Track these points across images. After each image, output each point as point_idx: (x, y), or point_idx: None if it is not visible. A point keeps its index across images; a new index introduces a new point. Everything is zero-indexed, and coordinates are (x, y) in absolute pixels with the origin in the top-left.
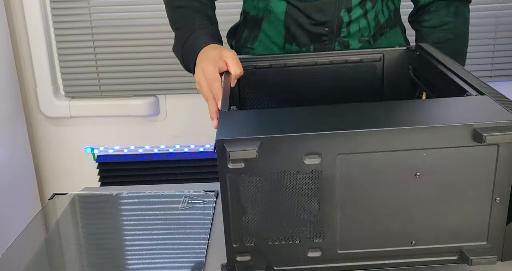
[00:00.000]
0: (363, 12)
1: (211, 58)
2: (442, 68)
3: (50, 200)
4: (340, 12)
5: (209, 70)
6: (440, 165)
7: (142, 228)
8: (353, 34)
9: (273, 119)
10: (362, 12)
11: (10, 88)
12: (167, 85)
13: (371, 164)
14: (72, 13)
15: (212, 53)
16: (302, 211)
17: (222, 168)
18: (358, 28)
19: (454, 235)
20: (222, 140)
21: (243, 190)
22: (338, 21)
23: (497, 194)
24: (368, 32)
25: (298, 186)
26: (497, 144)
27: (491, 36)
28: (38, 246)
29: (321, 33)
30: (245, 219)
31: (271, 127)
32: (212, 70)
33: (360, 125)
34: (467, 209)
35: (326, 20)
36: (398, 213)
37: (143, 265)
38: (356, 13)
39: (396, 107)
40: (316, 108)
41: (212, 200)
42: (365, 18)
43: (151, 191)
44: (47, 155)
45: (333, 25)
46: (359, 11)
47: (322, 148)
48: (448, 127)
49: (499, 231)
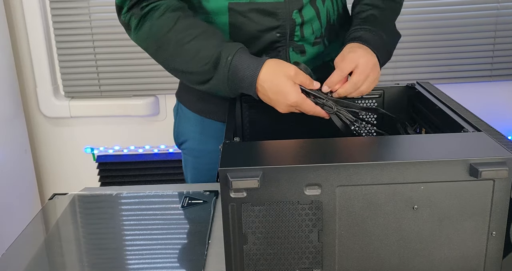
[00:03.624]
0: (315, 11)
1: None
2: (440, 105)
3: (50, 200)
4: (291, 13)
5: (300, 104)
6: (437, 198)
7: (142, 228)
8: (307, 38)
9: (275, 151)
10: (314, 11)
11: (10, 88)
12: (167, 85)
13: (370, 196)
14: (72, 13)
15: (281, 84)
16: (302, 241)
17: (224, 197)
18: (311, 31)
19: (451, 268)
20: (225, 169)
21: (245, 219)
22: (290, 24)
23: (493, 228)
24: (320, 33)
25: (298, 216)
26: (492, 179)
27: (491, 36)
28: (38, 246)
29: (273, 40)
30: (246, 247)
31: (273, 158)
32: (310, 109)
33: (360, 158)
34: (464, 242)
35: (277, 24)
36: (396, 244)
37: (143, 265)
38: (308, 13)
39: (395, 141)
40: (317, 141)
41: (212, 200)
42: (318, 17)
43: (151, 191)
44: (47, 155)
45: (285, 29)
46: (311, 10)
47: (322, 179)
48: (445, 162)
49: (496, 265)
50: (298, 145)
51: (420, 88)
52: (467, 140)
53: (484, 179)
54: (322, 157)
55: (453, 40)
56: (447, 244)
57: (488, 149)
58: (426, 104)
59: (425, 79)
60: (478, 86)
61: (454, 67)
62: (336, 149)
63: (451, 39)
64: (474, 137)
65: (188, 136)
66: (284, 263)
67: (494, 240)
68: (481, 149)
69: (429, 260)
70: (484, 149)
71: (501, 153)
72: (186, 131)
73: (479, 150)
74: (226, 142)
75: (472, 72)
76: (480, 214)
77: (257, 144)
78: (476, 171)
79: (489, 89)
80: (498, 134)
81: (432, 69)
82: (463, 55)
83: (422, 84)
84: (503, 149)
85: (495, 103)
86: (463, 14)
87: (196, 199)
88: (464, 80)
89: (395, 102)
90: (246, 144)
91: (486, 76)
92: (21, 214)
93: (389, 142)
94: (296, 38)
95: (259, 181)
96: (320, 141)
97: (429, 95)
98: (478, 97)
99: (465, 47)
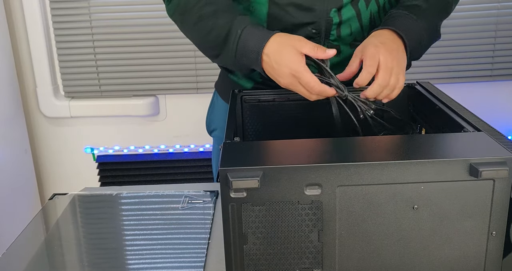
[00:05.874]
0: (355, 12)
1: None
2: (440, 105)
3: (50, 200)
4: (329, 12)
5: (301, 73)
6: (437, 198)
7: (142, 228)
8: (343, 38)
9: (275, 151)
10: (354, 12)
11: (10, 88)
12: (167, 85)
13: (370, 196)
14: (72, 13)
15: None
16: (302, 241)
17: (224, 197)
18: (349, 32)
19: (451, 268)
20: (225, 169)
21: (245, 219)
22: (326, 21)
23: (493, 228)
24: (361, 36)
25: (298, 216)
26: (492, 179)
27: (491, 36)
28: (38, 246)
29: (307, 36)
30: (246, 247)
31: (273, 158)
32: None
33: (360, 158)
34: (464, 242)
35: (313, 20)
36: (396, 244)
37: (143, 265)
38: (347, 13)
39: (396, 141)
40: (317, 141)
41: (212, 200)
42: (358, 19)
43: (151, 191)
44: (47, 155)
45: (320, 26)
46: (350, 11)
47: (323, 179)
48: (446, 161)
49: (496, 265)
50: (298, 144)
51: (420, 88)
52: (467, 140)
53: (484, 179)
54: (322, 156)
55: (453, 40)
56: (447, 244)
57: (488, 149)
58: (426, 104)
59: (425, 79)
60: (478, 86)
61: (454, 67)
62: (336, 149)
63: (451, 39)
64: (474, 137)
65: (218, 124)
66: (284, 263)
67: (494, 240)
68: (481, 149)
69: (429, 260)
70: (484, 149)
71: (501, 153)
72: (216, 120)
73: (479, 149)
74: (226, 142)
75: (472, 72)
76: (480, 214)
77: (257, 144)
78: (476, 171)
79: (489, 89)
80: (498, 134)
81: (432, 69)
82: (463, 55)
83: (422, 84)
84: (503, 149)
85: (495, 103)
86: (463, 14)
87: (196, 199)
88: (464, 80)
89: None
90: (246, 143)
91: (486, 76)
92: (21, 214)
93: (389, 141)
94: (332, 37)
95: (259, 181)
96: (320, 141)
97: (429, 95)
98: (478, 97)
99: (465, 47)
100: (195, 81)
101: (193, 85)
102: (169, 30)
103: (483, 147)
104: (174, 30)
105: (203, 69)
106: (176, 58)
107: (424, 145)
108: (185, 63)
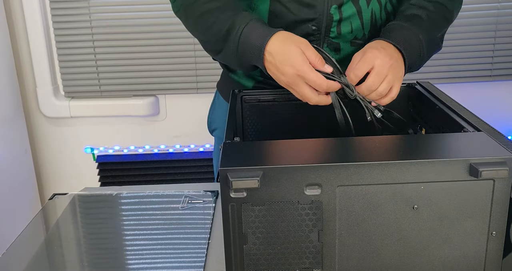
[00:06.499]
0: (356, 10)
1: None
2: (440, 105)
3: (50, 200)
4: (330, 8)
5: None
6: (437, 198)
7: (142, 228)
8: (344, 35)
9: (275, 150)
10: (355, 10)
11: (10, 88)
12: (167, 85)
13: (370, 196)
14: (72, 13)
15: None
16: (302, 241)
17: (224, 197)
18: (350, 29)
19: (451, 268)
20: (225, 169)
21: (245, 219)
22: (327, 18)
23: (493, 228)
24: (362, 34)
25: (298, 216)
26: (492, 179)
27: (491, 36)
28: (38, 246)
29: (308, 33)
30: (246, 247)
31: (273, 158)
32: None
33: (360, 158)
34: (464, 242)
35: (314, 17)
36: (396, 244)
37: (143, 265)
38: (348, 11)
39: (396, 141)
40: (317, 141)
41: (212, 200)
42: (359, 17)
43: (151, 191)
44: (47, 155)
45: (321, 23)
46: (351, 8)
47: (323, 179)
48: (446, 161)
49: (496, 265)
50: (298, 144)
51: (420, 88)
52: (467, 140)
53: (484, 179)
54: (322, 156)
55: (453, 40)
56: (447, 244)
57: (488, 149)
58: (426, 104)
59: (425, 79)
60: (478, 86)
61: (454, 67)
62: (336, 149)
63: (451, 39)
64: (474, 137)
65: (219, 124)
66: (284, 263)
67: (494, 240)
68: (481, 149)
69: (429, 260)
70: (484, 149)
71: (501, 153)
72: (217, 119)
73: (479, 149)
74: (226, 142)
75: (472, 72)
76: (480, 214)
77: (257, 144)
78: (476, 171)
79: (489, 89)
80: (498, 135)
81: (432, 69)
82: (463, 55)
83: (422, 84)
84: (503, 149)
85: (495, 103)
86: (463, 14)
87: (196, 199)
88: (464, 80)
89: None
90: (246, 143)
91: (486, 76)
92: (21, 214)
93: (390, 141)
94: (332, 34)
95: (259, 181)
96: (320, 141)
97: (429, 95)
98: (478, 97)
99: (465, 47)
100: (195, 81)
101: (193, 85)
102: (169, 30)
103: (483, 147)
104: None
105: (203, 69)
106: (176, 58)
107: (424, 145)
108: (185, 63)
